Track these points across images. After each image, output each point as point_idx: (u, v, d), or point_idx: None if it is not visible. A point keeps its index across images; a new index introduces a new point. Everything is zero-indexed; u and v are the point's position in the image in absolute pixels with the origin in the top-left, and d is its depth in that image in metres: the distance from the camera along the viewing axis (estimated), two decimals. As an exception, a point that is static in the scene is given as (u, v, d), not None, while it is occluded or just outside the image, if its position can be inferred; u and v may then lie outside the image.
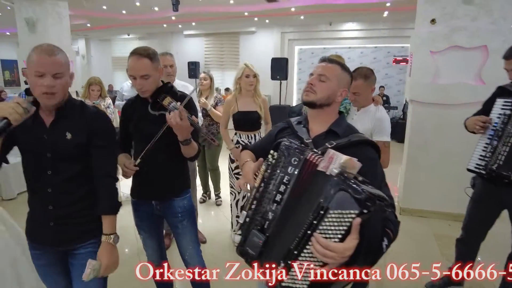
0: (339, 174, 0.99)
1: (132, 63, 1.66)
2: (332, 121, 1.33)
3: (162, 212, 1.85)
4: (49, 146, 1.36)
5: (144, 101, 1.78)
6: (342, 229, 0.95)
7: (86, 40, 14.52)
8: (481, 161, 2.02)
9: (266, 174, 1.17)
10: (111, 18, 9.58)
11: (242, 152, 1.57)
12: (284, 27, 11.64)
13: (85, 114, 1.43)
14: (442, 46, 3.53)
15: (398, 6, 7.91)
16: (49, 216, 1.41)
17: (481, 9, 3.41)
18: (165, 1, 7.77)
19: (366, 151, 1.23)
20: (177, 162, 1.83)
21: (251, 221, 1.18)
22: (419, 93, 3.72)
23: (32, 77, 1.29)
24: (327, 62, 1.34)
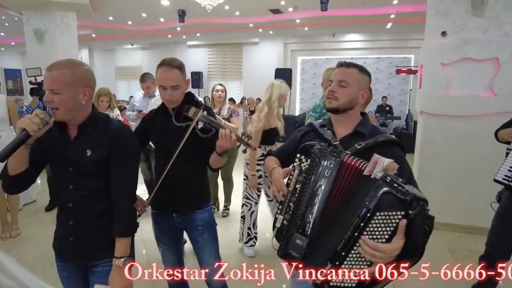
0: (384, 177, 1.02)
1: (163, 74, 1.66)
2: (356, 123, 1.35)
3: (183, 225, 1.83)
4: (71, 161, 1.35)
5: (166, 113, 1.77)
6: (388, 230, 0.99)
7: (90, 50, 14.64)
8: (510, 173, 2.01)
9: (301, 178, 1.20)
10: (116, 29, 9.67)
11: (267, 158, 1.58)
12: (287, 38, 11.75)
13: (108, 130, 1.40)
14: (453, 58, 3.55)
15: (402, 17, 8.01)
16: (69, 231, 1.39)
17: (492, 22, 3.44)
18: (171, 12, 7.87)
19: (394, 151, 1.26)
20: (199, 175, 1.82)
21: (290, 224, 1.21)
22: (430, 104, 3.73)
23: None
24: (345, 67, 1.34)
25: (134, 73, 14.06)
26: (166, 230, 1.86)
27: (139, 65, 14.03)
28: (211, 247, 1.85)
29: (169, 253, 1.89)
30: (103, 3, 7.13)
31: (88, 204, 1.38)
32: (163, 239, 1.88)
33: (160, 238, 1.88)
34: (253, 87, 12.22)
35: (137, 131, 1.84)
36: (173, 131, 1.70)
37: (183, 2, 6.97)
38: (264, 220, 3.92)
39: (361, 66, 1.36)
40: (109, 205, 1.39)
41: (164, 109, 1.78)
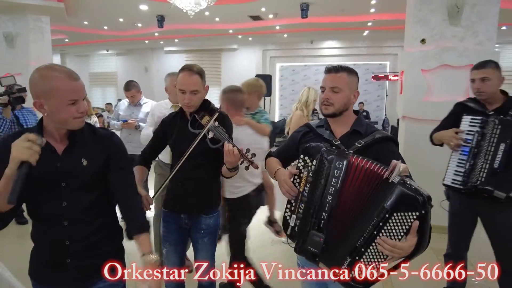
0: (401, 181, 1.12)
1: (184, 78, 1.72)
2: (352, 121, 1.45)
3: (189, 226, 1.90)
4: (64, 175, 1.25)
5: (183, 117, 1.83)
6: (404, 228, 1.11)
7: (62, 55, 14.12)
8: (458, 176, 2.08)
9: (310, 179, 1.28)
10: (91, 34, 9.39)
11: (268, 160, 1.63)
12: (266, 45, 11.85)
13: (98, 137, 1.35)
14: (433, 64, 3.68)
15: (379, 25, 8.27)
16: (65, 253, 1.27)
17: (468, 31, 3.60)
18: (149, 18, 7.74)
19: (389, 146, 1.38)
20: (212, 180, 1.89)
21: (304, 222, 1.29)
22: (412, 109, 3.84)
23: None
24: (334, 72, 1.40)
25: (109, 79, 13.70)
26: (173, 231, 1.91)
27: (114, 72, 13.67)
28: (208, 250, 1.93)
29: (173, 254, 1.93)
30: (79, 8, 6.90)
31: (87, 219, 1.29)
32: (170, 239, 1.92)
33: (167, 238, 1.92)
34: (233, 93, 12.17)
35: (156, 134, 1.94)
36: (188, 137, 1.75)
37: (163, 8, 6.87)
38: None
39: (349, 68, 1.42)
40: (107, 216, 1.35)
41: (182, 113, 1.84)
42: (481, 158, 1.97)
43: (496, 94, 2.06)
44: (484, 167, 1.95)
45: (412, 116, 3.85)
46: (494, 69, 2.02)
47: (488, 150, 1.95)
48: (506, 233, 2.04)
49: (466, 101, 2.20)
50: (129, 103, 3.76)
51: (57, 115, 1.20)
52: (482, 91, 2.02)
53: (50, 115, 1.20)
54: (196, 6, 4.78)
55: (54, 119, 1.22)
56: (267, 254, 3.23)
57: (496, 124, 1.93)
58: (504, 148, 1.90)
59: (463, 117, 2.08)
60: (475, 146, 2.00)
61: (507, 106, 2.01)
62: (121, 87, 3.81)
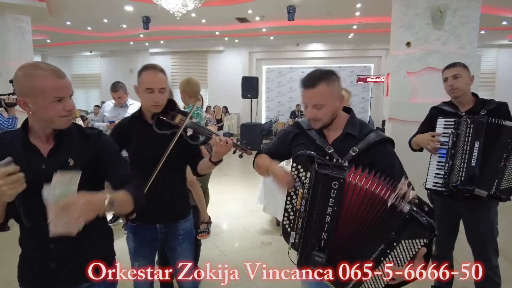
0: (411, 211, 1.07)
1: (151, 77, 1.66)
2: (344, 122, 1.37)
3: (165, 235, 1.82)
4: (49, 176, 1.17)
5: (143, 121, 1.72)
6: (411, 254, 1.08)
7: (43, 56, 13.77)
8: (438, 179, 2.10)
9: (306, 196, 1.22)
10: (74, 35, 9.19)
11: (258, 157, 1.57)
12: (252, 47, 11.87)
13: (86, 136, 1.31)
14: (418, 67, 3.76)
15: (364, 28, 8.41)
16: (50, 256, 1.24)
17: (450, 35, 3.70)
18: (135, 19, 7.64)
19: (385, 148, 1.32)
20: (182, 184, 1.83)
21: (305, 242, 1.25)
22: (398, 111, 3.91)
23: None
24: (311, 87, 1.30)
25: (92, 81, 13.44)
26: (148, 243, 1.81)
27: (98, 73, 13.43)
28: (187, 256, 1.86)
29: (145, 267, 1.82)
30: (62, 7, 6.74)
31: None
32: (144, 253, 1.82)
33: (140, 252, 1.81)
34: (219, 95, 12.16)
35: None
36: (156, 139, 1.67)
37: (148, 9, 6.79)
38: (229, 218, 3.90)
39: (326, 75, 1.31)
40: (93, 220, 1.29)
41: (140, 116, 1.73)
42: (458, 158, 2.01)
43: (467, 95, 2.12)
44: (462, 167, 2.00)
45: (398, 118, 3.92)
46: (463, 67, 2.10)
47: (464, 149, 2.00)
48: (486, 232, 2.07)
49: (440, 105, 2.27)
50: (114, 104, 3.72)
51: (42, 113, 1.17)
52: (455, 88, 2.08)
53: (35, 113, 1.17)
54: (183, 7, 4.74)
55: (39, 118, 1.18)
56: (257, 256, 3.23)
57: (468, 123, 1.99)
58: (479, 146, 1.96)
59: (438, 120, 2.15)
60: (451, 147, 2.05)
61: (478, 106, 2.07)
62: (105, 89, 3.79)
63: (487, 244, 2.08)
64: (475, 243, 2.13)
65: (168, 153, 1.62)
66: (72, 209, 1.03)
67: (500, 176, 1.96)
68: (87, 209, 1.06)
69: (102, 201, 1.13)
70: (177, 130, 1.65)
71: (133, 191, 1.28)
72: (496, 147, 1.97)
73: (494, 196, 1.97)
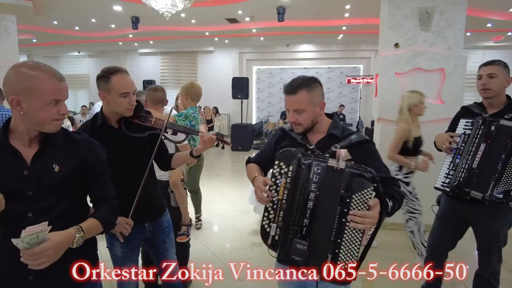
0: (347, 166, 1.20)
1: (124, 81, 1.60)
2: (327, 127, 1.44)
3: (154, 232, 1.85)
4: (31, 183, 1.16)
5: (108, 126, 1.66)
6: (366, 205, 1.19)
7: (29, 56, 13.49)
8: (446, 179, 2.05)
9: (288, 186, 1.27)
10: (61, 34, 9.04)
11: (248, 166, 1.63)
12: (242, 48, 11.86)
13: (73, 141, 1.27)
14: (406, 68, 3.81)
15: (353, 29, 8.48)
16: (26, 268, 1.11)
17: (438, 36, 3.76)
18: (123, 19, 7.56)
19: (367, 148, 1.39)
20: (155, 181, 1.89)
21: (286, 231, 1.28)
22: (387, 111, 3.95)
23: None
24: (292, 94, 1.37)
25: (81, 82, 13.25)
26: (137, 245, 1.84)
27: (86, 74, 13.25)
28: (173, 245, 1.96)
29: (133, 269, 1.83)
30: (48, 7, 6.63)
31: (56, 230, 1.14)
32: (132, 257, 1.82)
33: (130, 257, 1.80)
34: (209, 95, 12.07)
35: None
36: (131, 143, 1.67)
37: (137, 9, 6.72)
38: (220, 219, 3.89)
39: (307, 82, 1.37)
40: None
41: (103, 122, 1.65)
42: (463, 159, 1.96)
43: (501, 97, 1.98)
44: (464, 167, 1.94)
45: (387, 118, 3.96)
46: (502, 67, 1.96)
47: (470, 150, 1.94)
48: (490, 239, 2.02)
49: (470, 105, 2.15)
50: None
51: (35, 115, 1.13)
52: (488, 88, 1.95)
53: (27, 114, 1.12)
54: (172, 7, 4.71)
55: (30, 119, 1.14)
56: (248, 256, 3.22)
57: (479, 124, 1.92)
58: (484, 149, 1.89)
59: (460, 120, 2.07)
60: (460, 147, 1.99)
61: (507, 110, 1.94)
62: (94, 90, 3.79)
63: (491, 251, 2.03)
64: (480, 247, 2.08)
65: (154, 154, 1.65)
66: (40, 256, 1.03)
67: (498, 178, 1.87)
68: (55, 252, 1.06)
69: (71, 240, 1.13)
70: (155, 132, 1.70)
71: (103, 217, 1.27)
72: (496, 148, 1.88)
73: (489, 199, 1.89)
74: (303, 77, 1.40)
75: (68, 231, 1.13)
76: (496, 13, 6.86)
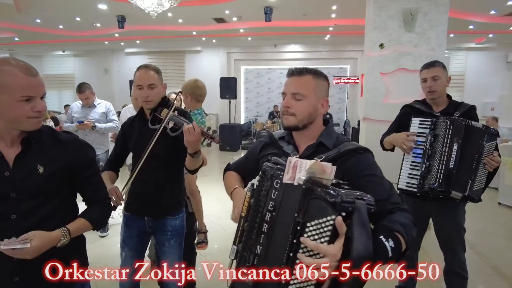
0: (308, 181, 0.89)
1: (140, 74, 1.75)
2: (319, 133, 1.19)
3: (154, 228, 1.86)
4: (14, 185, 1.12)
5: (142, 118, 1.83)
6: (326, 237, 0.85)
7: (11, 55, 13.12)
8: (413, 179, 2.06)
9: (252, 202, 1.04)
10: (45, 33, 8.84)
11: (226, 174, 1.41)
12: (230, 48, 11.84)
13: (59, 142, 1.23)
14: (391, 68, 3.89)
15: (340, 30, 8.57)
16: (11, 269, 1.14)
17: (421, 37, 3.85)
18: (109, 18, 7.45)
19: (362, 159, 1.10)
20: (174, 181, 1.88)
21: (241, 257, 1.05)
22: (372, 111, 4.01)
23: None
24: (297, 75, 1.17)
25: (66, 81, 12.97)
26: (136, 235, 1.87)
27: (71, 73, 12.97)
28: (175, 252, 1.90)
29: (131, 259, 1.87)
30: (30, 4, 6.48)
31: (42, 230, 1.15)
32: (130, 244, 1.88)
33: (128, 243, 1.88)
34: (197, 96, 12.01)
35: (117, 139, 1.93)
36: (148, 135, 1.74)
37: (123, 8, 6.63)
38: (208, 220, 3.85)
39: (316, 71, 1.18)
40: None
41: (141, 115, 1.84)
42: (437, 160, 1.99)
43: (443, 96, 2.11)
44: (440, 169, 1.97)
45: (373, 118, 4.02)
46: (442, 68, 2.08)
47: (443, 151, 1.97)
48: (454, 231, 2.10)
49: (413, 103, 2.24)
50: (82, 105, 3.78)
51: (7, 113, 1.09)
52: (434, 90, 2.05)
53: (0, 111, 1.09)
54: (158, 7, 4.67)
55: (4, 117, 1.10)
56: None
57: (448, 125, 1.98)
58: (457, 148, 1.95)
59: (412, 119, 2.11)
60: (429, 148, 2.03)
61: (452, 108, 2.08)
62: None
63: (455, 242, 2.12)
64: (444, 241, 2.17)
65: (152, 145, 1.69)
66: (23, 255, 1.06)
67: (473, 177, 1.97)
68: (34, 254, 1.07)
69: (55, 242, 1.13)
70: (167, 126, 1.74)
71: (94, 217, 1.28)
72: (469, 149, 1.96)
73: (468, 197, 1.97)
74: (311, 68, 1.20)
75: (54, 234, 1.13)
76: (478, 15, 7.03)
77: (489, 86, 10.22)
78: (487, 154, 1.97)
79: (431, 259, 3.21)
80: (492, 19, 7.25)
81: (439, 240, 2.20)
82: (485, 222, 4.25)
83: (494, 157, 1.97)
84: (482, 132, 1.96)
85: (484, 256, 3.34)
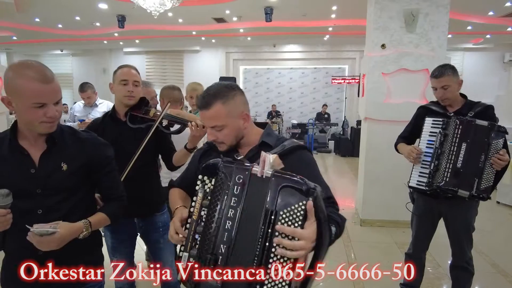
0: (275, 173, 0.98)
1: (126, 71, 1.79)
2: (257, 138, 1.24)
3: (144, 229, 1.87)
4: (40, 181, 1.19)
5: (115, 118, 1.82)
6: (299, 221, 0.93)
7: (8, 54, 13.10)
8: (422, 178, 2.13)
9: (206, 202, 1.03)
10: (43, 32, 8.81)
11: (170, 192, 1.38)
12: (229, 47, 11.85)
13: (81, 140, 1.30)
14: (392, 68, 3.92)
15: (339, 30, 8.61)
16: (38, 264, 1.20)
17: (422, 38, 3.88)
18: (109, 17, 7.44)
19: (303, 155, 1.19)
20: (154, 178, 1.92)
21: (198, 261, 1.02)
22: (374, 111, 4.05)
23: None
24: (205, 108, 1.15)
25: (64, 81, 12.91)
26: (126, 238, 1.87)
27: (69, 73, 12.94)
28: (171, 247, 1.91)
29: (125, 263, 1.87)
30: (30, 3, 6.46)
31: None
32: (120, 249, 1.86)
33: (118, 248, 1.86)
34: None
35: None
36: (131, 135, 1.75)
37: (124, 7, 6.63)
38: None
39: (222, 93, 1.15)
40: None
41: (113, 115, 1.83)
42: (445, 159, 2.04)
43: (457, 98, 2.15)
44: (448, 167, 2.03)
45: (374, 118, 4.06)
46: (452, 75, 2.08)
47: (451, 150, 2.03)
48: (463, 230, 2.16)
49: (428, 104, 2.30)
50: (84, 104, 3.84)
51: (22, 116, 1.16)
52: (445, 98, 2.10)
53: (17, 114, 1.17)
54: (160, 6, 4.68)
55: (20, 119, 1.18)
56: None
57: (457, 124, 2.02)
58: (466, 148, 2.00)
59: (426, 119, 2.18)
60: (438, 147, 2.08)
61: (467, 108, 2.11)
62: (77, 90, 3.83)
63: (464, 240, 2.17)
64: (453, 237, 2.22)
65: (143, 146, 1.70)
66: (45, 244, 1.11)
67: (480, 176, 2.00)
68: (60, 243, 1.13)
69: (78, 233, 1.19)
70: (152, 123, 1.75)
71: (112, 211, 1.34)
72: (475, 147, 2.01)
73: (476, 196, 2.01)
74: (218, 85, 1.18)
75: (77, 225, 1.19)
76: (476, 17, 7.10)
77: (486, 86, 10.29)
78: (494, 151, 1.99)
79: (433, 257, 3.25)
80: (490, 20, 7.32)
81: (451, 237, 2.24)
82: (483, 221, 4.30)
83: (501, 156, 1.98)
84: (488, 129, 1.99)
85: (484, 254, 3.39)
